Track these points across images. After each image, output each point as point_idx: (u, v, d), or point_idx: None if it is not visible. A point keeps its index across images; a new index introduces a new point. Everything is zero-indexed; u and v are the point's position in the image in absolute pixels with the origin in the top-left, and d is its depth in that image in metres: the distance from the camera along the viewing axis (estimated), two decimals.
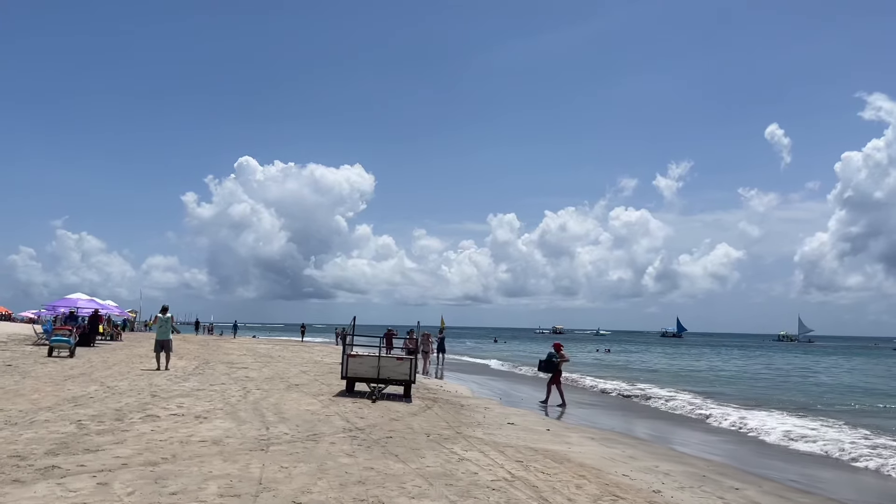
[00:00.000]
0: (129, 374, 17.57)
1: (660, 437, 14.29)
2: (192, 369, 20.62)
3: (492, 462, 8.70)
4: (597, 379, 29.55)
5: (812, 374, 40.53)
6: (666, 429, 15.85)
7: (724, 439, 14.63)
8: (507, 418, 14.13)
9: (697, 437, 14.63)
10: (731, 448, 13.50)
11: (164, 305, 21.33)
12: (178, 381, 16.30)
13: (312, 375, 21.00)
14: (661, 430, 15.42)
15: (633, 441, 12.79)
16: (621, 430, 14.81)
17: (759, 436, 15.15)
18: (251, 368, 22.34)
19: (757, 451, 13.36)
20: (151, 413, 10.82)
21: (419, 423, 11.87)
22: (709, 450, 12.93)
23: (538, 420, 14.48)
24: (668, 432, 15.21)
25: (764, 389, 27.41)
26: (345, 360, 15.76)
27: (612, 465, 9.61)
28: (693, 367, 44.13)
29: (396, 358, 15.92)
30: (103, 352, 27.37)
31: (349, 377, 15.84)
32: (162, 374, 18.22)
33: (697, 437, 14.63)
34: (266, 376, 19.50)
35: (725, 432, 15.71)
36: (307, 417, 11.53)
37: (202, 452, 7.94)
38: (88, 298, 33.08)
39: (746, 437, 15.19)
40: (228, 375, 19.02)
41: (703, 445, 13.49)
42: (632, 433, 14.27)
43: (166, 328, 20.54)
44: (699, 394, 24.30)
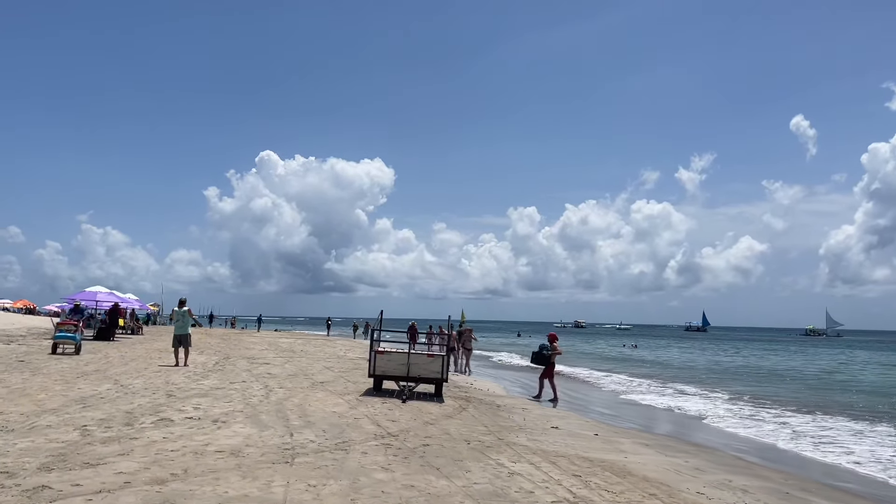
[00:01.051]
0: (145, 371, 16.70)
1: (717, 442, 13.12)
2: (211, 365, 19.75)
3: (546, 477, 7.61)
4: (632, 378, 28.35)
5: (863, 371, 38.78)
6: (719, 434, 14.66)
7: (787, 446, 13.41)
8: (549, 420, 13.04)
9: (756, 444, 13.43)
10: (801, 458, 12.30)
11: (181, 298, 20.49)
12: (197, 379, 15.40)
13: (337, 372, 20.05)
14: (714, 435, 14.24)
15: (691, 448, 11.64)
16: (673, 433, 13.66)
17: (833, 445, 13.92)
18: (273, 364, 21.44)
19: (830, 462, 12.15)
20: (165, 416, 9.87)
21: (456, 428, 10.82)
22: (776, 458, 11.76)
23: (582, 423, 13.36)
24: (722, 437, 14.02)
25: (822, 391, 25.67)
26: (372, 356, 14.75)
27: (679, 479, 8.49)
28: (732, 364, 42.67)
29: (427, 355, 14.88)
30: (122, 346, 26.65)
31: (377, 375, 14.84)
32: (180, 370, 17.35)
33: (756, 444, 13.43)
34: (289, 373, 18.57)
35: (787, 438, 14.48)
36: (334, 421, 10.52)
37: (218, 466, 6.94)
38: (108, 291, 32.46)
39: (816, 446, 13.97)
40: (250, 372, 18.11)
41: (766, 453, 12.31)
42: (687, 437, 13.10)
43: (184, 322, 19.68)
44: (747, 395, 23.02)
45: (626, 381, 26.96)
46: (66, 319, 26.24)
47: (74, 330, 21.49)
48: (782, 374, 33.77)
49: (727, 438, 13.70)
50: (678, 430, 14.46)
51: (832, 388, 27.04)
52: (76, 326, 21.77)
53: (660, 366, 38.61)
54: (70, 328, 21.64)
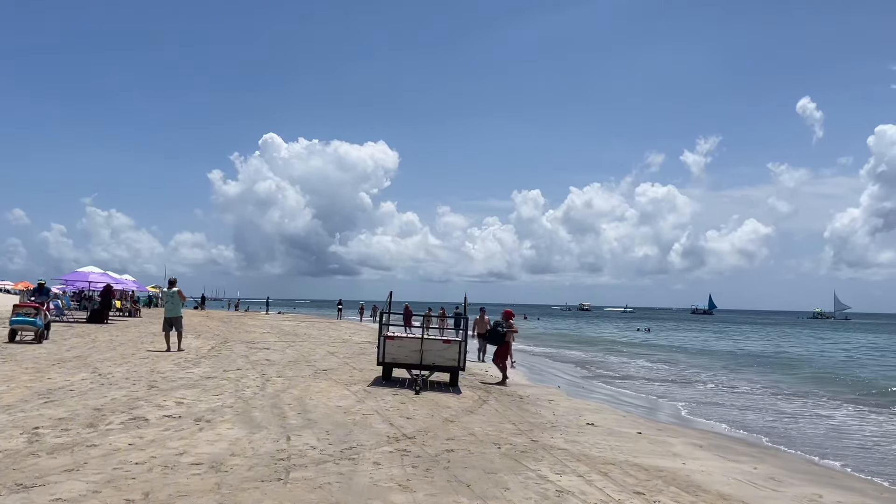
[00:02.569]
0: (132, 358, 15.22)
1: (772, 440, 11.61)
2: (206, 350, 18.28)
3: (604, 497, 6.09)
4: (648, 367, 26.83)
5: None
6: (774, 428, 13.15)
7: (858, 444, 11.89)
8: (581, 415, 11.54)
9: (815, 444, 11.92)
10: (878, 458, 10.78)
11: (170, 278, 19.08)
12: (187, 367, 13.91)
13: (342, 357, 18.57)
14: (763, 431, 12.73)
15: (751, 449, 10.11)
16: (721, 430, 12.14)
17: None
18: (273, 349, 19.96)
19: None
20: (139, 414, 8.37)
21: (481, 426, 9.32)
22: (855, 461, 10.24)
23: (619, 418, 11.84)
24: (776, 435, 12.51)
25: (868, 380, 23.83)
26: (381, 342, 13.23)
27: (759, 495, 6.95)
28: (755, 349, 41.17)
29: (443, 340, 13.36)
30: (116, 329, 25.22)
31: (387, 363, 13.33)
32: (171, 356, 15.86)
33: (815, 444, 11.92)
34: (289, 359, 17.09)
35: (855, 434, 12.95)
36: (339, 419, 9.01)
37: (191, 487, 5.43)
38: (101, 272, 30.98)
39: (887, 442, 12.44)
40: (247, 358, 16.63)
41: (837, 454, 10.79)
42: (738, 436, 11.57)
43: (175, 304, 18.15)
44: (783, 383, 21.50)
45: (650, 367, 25.46)
46: (25, 301, 22.58)
47: (35, 314, 17.83)
48: (808, 361, 32.21)
49: (781, 436, 12.18)
50: (722, 425, 12.93)
51: (868, 376, 25.47)
52: (37, 310, 18.09)
53: (680, 351, 37.10)
54: (30, 311, 17.96)
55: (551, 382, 17.85)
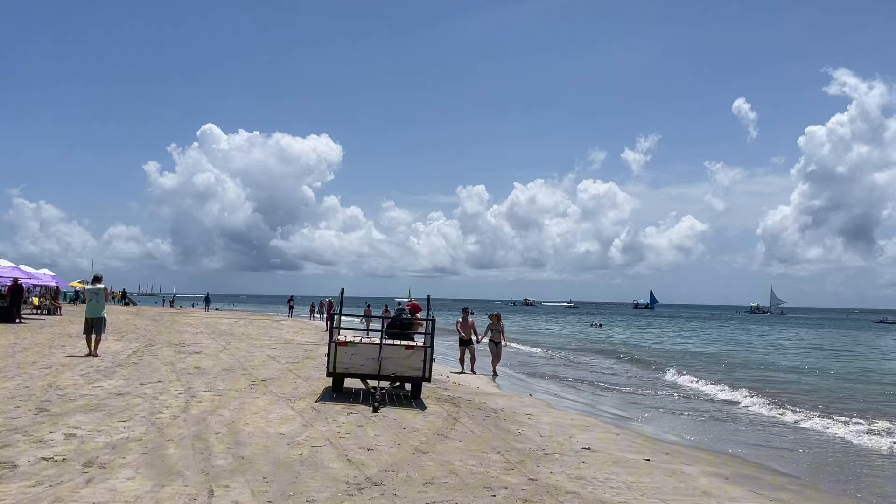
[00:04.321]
0: (30, 368, 12.80)
1: (793, 458, 10.07)
2: (126, 356, 15.88)
3: None
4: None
5: (864, 355, 36.85)
6: (782, 449, 11.66)
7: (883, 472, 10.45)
8: (570, 434, 9.77)
9: (853, 470, 10.43)
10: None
11: (95, 274, 16.66)
12: (96, 379, 11.61)
13: (284, 362, 16.43)
14: (777, 453, 11.22)
15: (783, 479, 8.49)
16: (734, 450, 10.55)
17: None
18: (205, 353, 17.65)
19: None
20: (7, 457, 6.18)
21: (461, 458, 7.43)
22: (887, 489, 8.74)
23: (613, 437, 10.10)
24: (791, 456, 11.00)
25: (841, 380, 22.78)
26: (332, 349, 11.20)
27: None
28: (718, 348, 40.47)
29: (405, 346, 11.41)
30: (26, 330, 22.40)
31: (338, 373, 11.32)
32: (77, 366, 13.47)
33: (853, 470, 10.43)
34: (223, 366, 14.86)
35: (873, 453, 11.54)
36: (281, 454, 6.99)
37: None
38: (11, 265, 27.86)
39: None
40: (172, 366, 14.33)
41: (876, 481, 9.30)
42: (757, 459, 9.95)
43: (99, 303, 15.83)
44: (767, 386, 20.28)
45: (620, 368, 24.02)
46: None
47: None
48: (777, 357, 31.45)
49: (798, 460, 10.66)
50: (732, 439, 11.34)
51: (850, 374, 24.60)
52: None
53: (637, 349, 36.00)
54: None
55: (520, 388, 16.11)
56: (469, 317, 18.76)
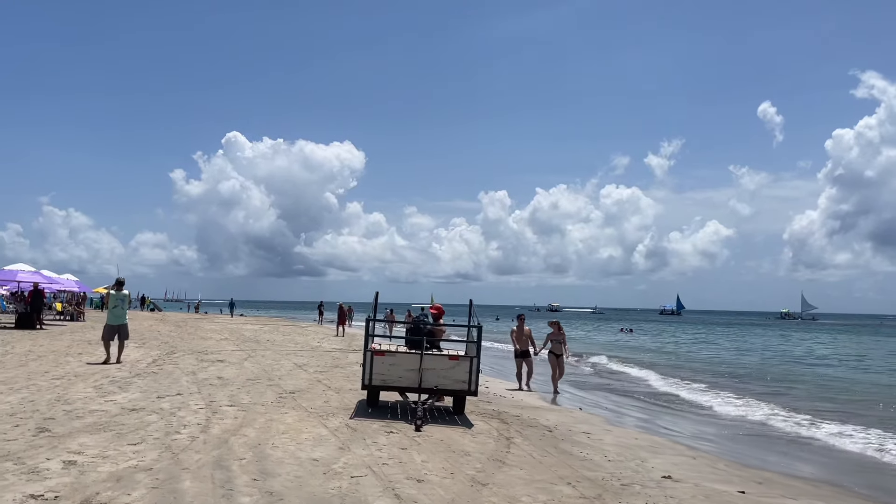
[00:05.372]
0: (41, 378, 11.84)
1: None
2: (145, 364, 14.90)
3: None
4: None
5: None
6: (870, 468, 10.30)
7: None
8: (639, 457, 8.54)
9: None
10: None
11: (118, 279, 15.81)
12: (110, 392, 10.60)
13: (312, 371, 15.36)
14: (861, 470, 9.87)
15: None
16: (826, 477, 9.23)
17: None
18: (229, 361, 16.63)
19: None
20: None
21: (527, 493, 6.24)
22: None
23: (689, 461, 8.85)
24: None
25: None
26: (368, 359, 10.08)
27: None
28: (758, 354, 38.82)
29: (448, 356, 10.25)
30: (45, 337, 21.61)
31: (374, 386, 10.19)
32: (92, 376, 12.50)
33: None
34: (248, 376, 13.81)
35: None
36: (316, 487, 5.86)
37: None
38: (32, 270, 27.16)
39: None
40: (193, 376, 13.31)
41: None
42: (866, 490, 8.63)
43: (122, 309, 15.01)
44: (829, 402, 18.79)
45: (662, 379, 22.64)
46: None
47: None
48: (833, 367, 29.77)
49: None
50: (817, 461, 10.01)
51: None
52: None
53: (673, 356, 34.52)
54: None
55: (565, 401, 14.86)
56: (525, 325, 16.63)
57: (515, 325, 16.67)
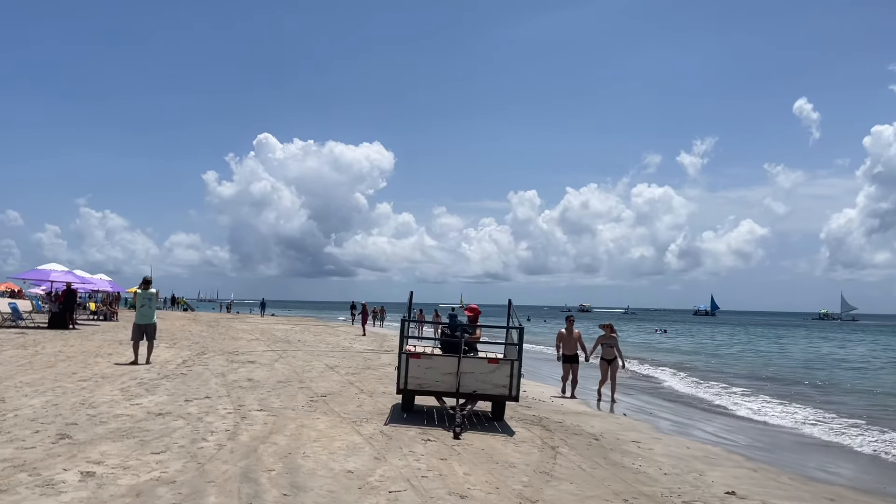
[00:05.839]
0: (68, 380, 11.56)
1: None
2: (175, 365, 14.60)
3: None
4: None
5: None
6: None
7: None
8: (696, 470, 7.91)
9: None
10: None
11: (145, 277, 15.47)
12: (137, 394, 10.25)
13: (343, 373, 14.93)
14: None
15: None
16: (884, 488, 8.50)
17: None
18: (259, 363, 16.28)
19: None
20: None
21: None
22: None
23: (750, 473, 8.19)
24: None
25: None
26: (403, 361, 9.58)
27: None
28: (801, 355, 37.65)
29: (489, 360, 9.70)
30: (76, 337, 21.52)
31: (410, 390, 9.69)
32: (124, 376, 12.20)
33: None
34: (278, 377, 13.42)
35: None
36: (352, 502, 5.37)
37: None
38: (65, 270, 27.22)
39: None
40: (223, 377, 12.94)
41: None
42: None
43: (149, 308, 14.75)
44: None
45: (704, 382, 21.83)
46: None
47: None
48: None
49: None
50: (887, 475, 9.26)
51: None
52: None
53: (713, 358, 33.55)
54: None
55: (607, 405, 14.21)
56: (575, 328, 14.97)
57: (564, 328, 14.98)
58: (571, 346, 14.71)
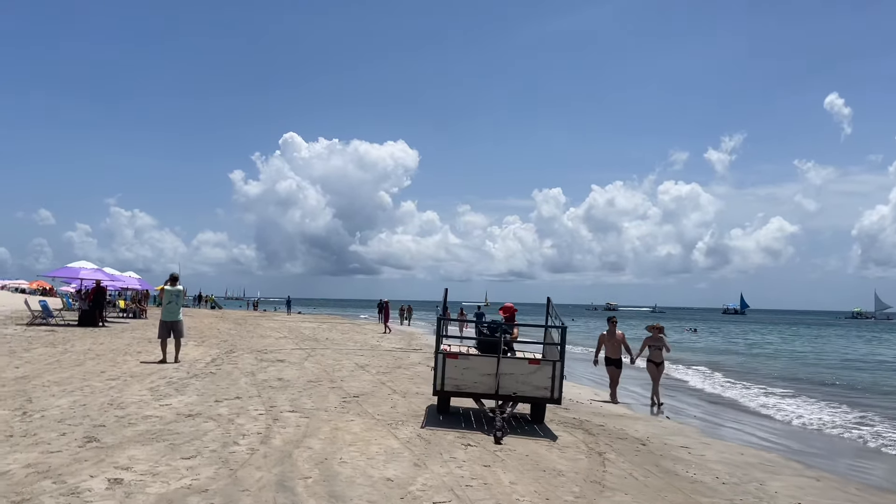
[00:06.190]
0: (99, 377, 11.35)
1: None
2: (205, 364, 14.36)
3: None
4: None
5: None
6: None
7: None
8: (756, 479, 7.41)
9: None
10: None
11: (173, 274, 15.20)
12: (166, 394, 9.97)
13: (374, 372, 14.59)
14: None
15: None
16: None
17: None
18: (289, 361, 16.00)
19: None
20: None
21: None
22: None
23: (812, 483, 7.67)
24: None
25: None
26: (440, 362, 9.18)
27: None
28: (848, 355, 36.66)
29: (529, 360, 9.27)
30: (106, 335, 21.46)
31: (447, 391, 9.29)
32: (154, 374, 11.97)
33: None
34: (309, 377, 13.11)
35: None
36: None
37: None
38: (94, 268, 27.27)
39: None
40: (253, 377, 12.66)
41: None
42: None
43: (176, 305, 14.50)
44: None
45: (742, 382, 21.16)
46: None
47: None
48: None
49: None
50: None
51: None
52: None
53: (748, 357, 32.74)
54: None
55: (643, 405, 13.69)
56: (618, 328, 14.12)
57: (607, 329, 14.12)
58: (615, 348, 13.85)
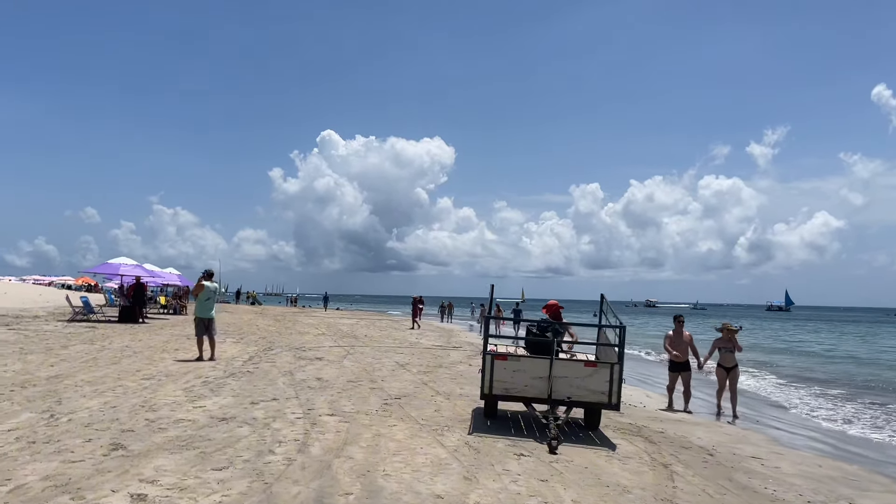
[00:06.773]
0: (133, 376, 11.00)
1: None
2: (242, 362, 13.97)
3: None
4: None
5: None
6: None
7: None
8: (843, 495, 6.67)
9: None
10: None
11: (208, 270, 14.83)
12: (201, 396, 9.54)
13: (415, 372, 14.03)
14: None
15: None
16: None
17: None
18: (327, 359, 15.54)
19: None
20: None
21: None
22: None
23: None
24: None
25: None
26: (488, 363, 8.57)
27: None
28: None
29: (585, 363, 8.60)
30: (145, 332, 21.32)
31: (496, 395, 8.67)
32: (189, 374, 11.59)
33: None
34: (348, 376, 12.61)
35: None
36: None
37: None
38: (134, 264, 27.27)
39: None
40: (291, 376, 12.20)
41: None
42: None
43: (212, 302, 14.16)
44: None
45: (799, 383, 20.13)
46: None
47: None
48: None
49: None
50: None
51: None
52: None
53: (801, 356, 31.45)
54: None
55: (703, 409, 12.89)
56: (685, 328, 12.81)
57: (671, 330, 12.85)
58: (682, 350, 12.51)
